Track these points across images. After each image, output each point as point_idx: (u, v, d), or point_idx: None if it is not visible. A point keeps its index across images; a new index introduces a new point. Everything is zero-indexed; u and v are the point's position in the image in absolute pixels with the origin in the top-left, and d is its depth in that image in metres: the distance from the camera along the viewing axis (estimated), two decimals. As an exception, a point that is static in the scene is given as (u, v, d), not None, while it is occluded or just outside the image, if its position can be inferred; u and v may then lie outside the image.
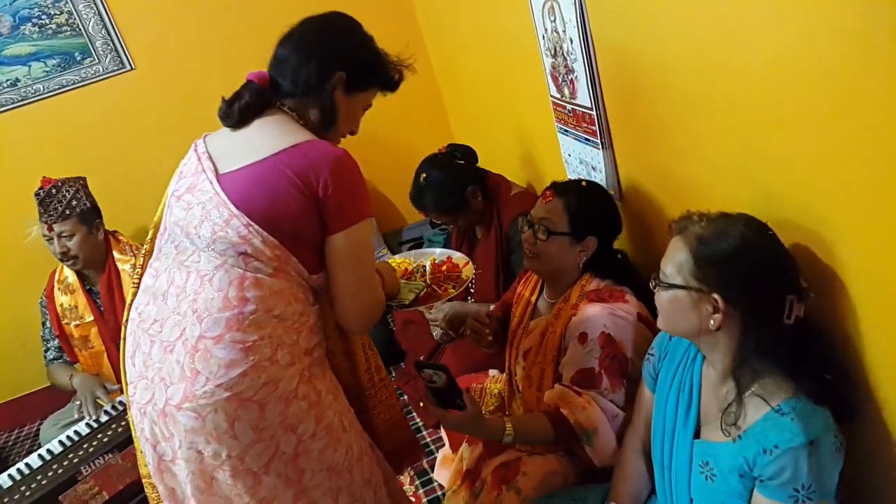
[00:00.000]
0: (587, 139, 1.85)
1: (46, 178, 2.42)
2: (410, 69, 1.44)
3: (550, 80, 1.95)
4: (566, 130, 1.99)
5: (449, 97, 3.50)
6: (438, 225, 3.08)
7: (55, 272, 2.64)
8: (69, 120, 3.10)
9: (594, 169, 1.88)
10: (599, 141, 1.77)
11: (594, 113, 1.73)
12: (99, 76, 3.08)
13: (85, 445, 2.12)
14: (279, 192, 1.21)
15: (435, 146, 2.38)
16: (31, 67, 3.01)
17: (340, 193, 1.23)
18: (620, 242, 1.74)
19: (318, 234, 1.26)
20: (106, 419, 2.24)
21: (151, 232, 1.39)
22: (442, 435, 2.25)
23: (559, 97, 1.93)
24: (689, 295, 1.10)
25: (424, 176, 2.24)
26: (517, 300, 1.83)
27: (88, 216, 2.46)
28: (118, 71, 3.09)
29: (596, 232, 1.59)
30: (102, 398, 2.38)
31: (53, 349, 2.63)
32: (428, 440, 2.43)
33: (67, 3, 2.95)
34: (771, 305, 1.05)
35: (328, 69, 1.32)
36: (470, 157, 2.35)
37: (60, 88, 3.06)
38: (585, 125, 1.82)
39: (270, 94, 1.34)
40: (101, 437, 2.14)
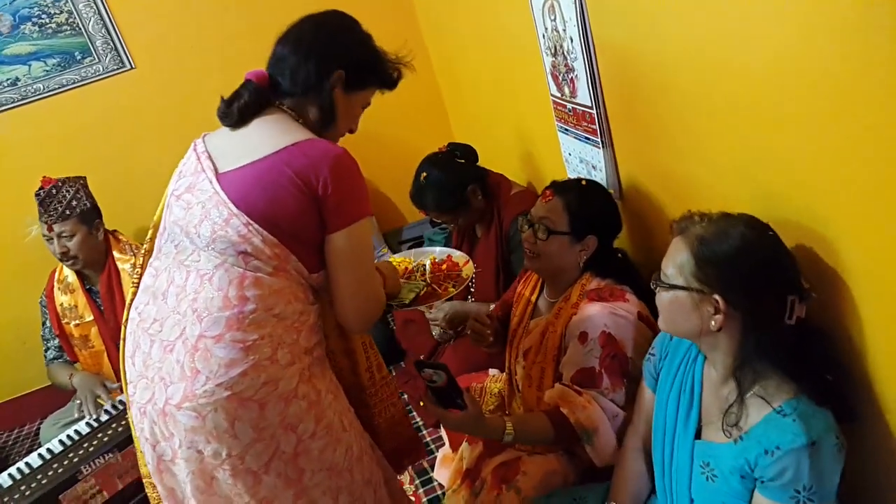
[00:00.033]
0: (587, 138, 1.85)
1: (46, 177, 2.42)
2: (409, 67, 1.44)
3: (551, 79, 1.95)
4: (566, 129, 1.99)
5: (449, 96, 3.50)
6: (439, 224, 3.08)
7: (55, 272, 2.64)
8: (69, 119, 3.09)
9: (594, 168, 1.88)
10: (599, 140, 1.77)
11: (594, 112, 1.73)
12: (99, 75, 3.08)
13: (85, 445, 2.11)
14: (278, 190, 1.21)
15: (435, 145, 2.38)
16: (31, 67, 3.01)
17: (340, 192, 1.23)
18: (620, 241, 1.74)
19: (317, 232, 1.26)
20: (106, 418, 2.23)
21: (151, 232, 1.39)
22: (442, 434, 2.25)
23: (559, 96, 1.93)
24: (690, 296, 1.10)
25: (425, 175, 2.24)
26: (517, 299, 1.83)
27: (88, 216, 2.45)
28: (118, 70, 3.09)
29: (596, 231, 1.59)
30: (103, 397, 2.39)
31: (53, 349, 2.63)
32: (428, 439, 2.43)
33: (67, 2, 2.95)
34: (772, 306, 1.05)
35: (327, 68, 1.32)
36: (470, 156, 2.35)
37: (60, 88, 3.06)
38: (585, 124, 1.82)
39: (269, 93, 1.33)
40: (101, 436, 2.14)
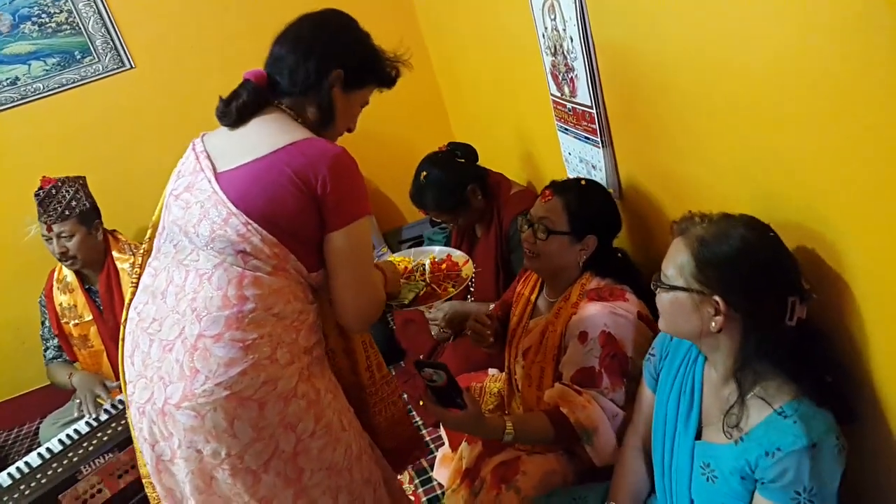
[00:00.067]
0: (587, 138, 1.85)
1: (46, 177, 2.41)
2: (407, 66, 1.44)
3: (550, 78, 1.95)
4: (566, 129, 1.99)
5: (449, 96, 3.50)
6: (438, 223, 3.08)
7: (54, 271, 2.63)
8: (69, 119, 3.09)
9: (594, 167, 1.87)
10: (599, 139, 1.77)
11: (594, 111, 1.73)
12: (99, 75, 3.08)
13: (85, 444, 2.11)
14: (277, 189, 1.21)
15: (435, 145, 2.37)
16: (30, 66, 3.00)
17: (339, 191, 1.23)
18: (620, 241, 1.74)
19: (316, 231, 1.26)
20: (106, 418, 2.23)
21: (150, 231, 1.39)
22: (441, 434, 2.25)
23: (559, 96, 1.93)
24: (690, 297, 1.10)
25: (425, 174, 2.24)
26: (517, 299, 1.83)
27: (88, 216, 2.45)
28: (118, 70, 3.09)
29: (595, 231, 1.59)
30: (102, 396, 2.38)
31: (53, 348, 2.62)
32: (427, 439, 2.43)
33: (67, 1, 2.95)
34: (772, 307, 1.04)
35: (326, 67, 1.32)
36: (470, 155, 2.34)
37: (60, 87, 3.05)
38: (585, 124, 1.82)
39: (268, 92, 1.33)
40: (100, 435, 2.14)
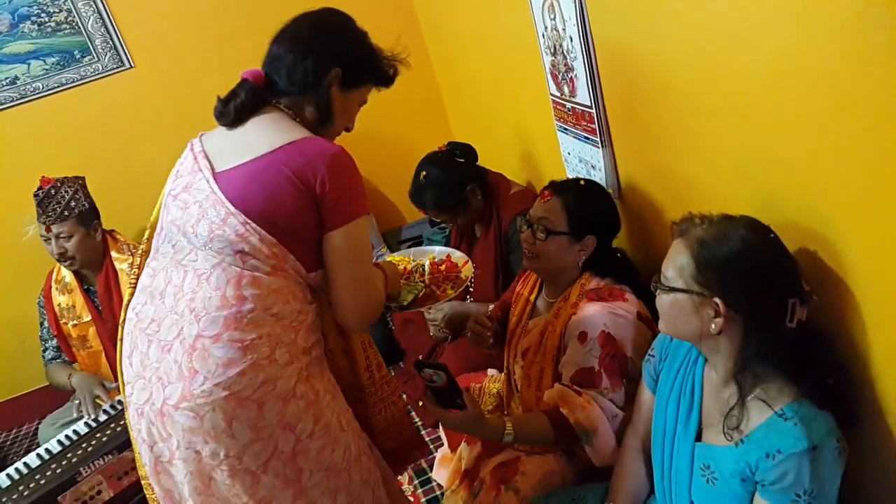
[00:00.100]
0: (587, 138, 1.85)
1: (45, 178, 2.41)
2: (405, 64, 1.43)
3: (550, 78, 1.94)
4: (566, 129, 1.98)
5: (448, 95, 3.50)
6: (438, 223, 3.08)
7: (52, 272, 2.63)
8: (68, 118, 3.09)
9: (594, 167, 1.87)
10: (599, 139, 1.76)
11: (594, 111, 1.73)
12: (98, 74, 3.07)
13: (84, 445, 2.11)
14: (276, 189, 1.21)
15: (434, 144, 2.37)
16: (30, 65, 3.00)
17: (337, 190, 1.22)
18: (620, 241, 1.74)
19: (315, 231, 1.26)
20: (105, 418, 2.23)
21: (148, 232, 1.39)
22: (441, 434, 2.25)
23: (559, 95, 1.93)
24: (690, 299, 1.09)
25: (424, 174, 2.24)
26: (516, 299, 1.83)
27: (87, 217, 2.44)
28: (117, 69, 3.09)
29: (595, 231, 1.59)
30: (102, 397, 2.38)
31: (52, 349, 2.62)
32: (427, 439, 2.43)
33: (67, 1, 2.94)
34: (773, 309, 1.04)
35: (324, 66, 1.31)
36: (470, 155, 2.34)
37: (59, 87, 3.05)
38: (585, 123, 1.82)
39: (266, 92, 1.33)
40: (100, 436, 2.13)
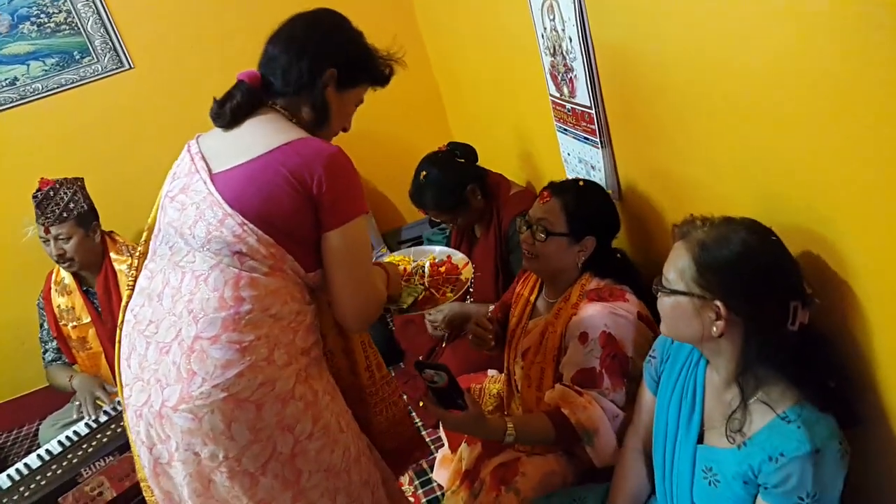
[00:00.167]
0: (586, 138, 1.84)
1: (44, 179, 2.40)
2: (400, 63, 1.43)
3: (549, 78, 1.94)
4: (565, 129, 1.98)
5: (448, 96, 3.50)
6: (437, 224, 3.08)
7: (52, 273, 2.62)
8: (68, 119, 3.09)
9: (593, 168, 1.87)
10: (598, 140, 1.76)
11: (593, 112, 1.73)
12: (98, 75, 3.07)
13: (84, 446, 2.11)
14: (273, 189, 1.21)
15: (434, 145, 2.37)
16: (29, 66, 3.00)
17: (335, 190, 1.22)
18: (619, 242, 1.74)
19: (313, 231, 1.25)
20: (105, 419, 2.23)
21: (145, 234, 1.39)
22: (441, 435, 2.24)
23: (558, 96, 1.93)
24: (691, 301, 1.09)
25: (424, 174, 2.24)
26: (516, 300, 1.82)
27: (86, 219, 2.44)
28: (117, 70, 3.08)
29: (594, 231, 1.59)
30: (102, 398, 2.38)
31: (52, 351, 2.61)
32: (427, 440, 2.43)
33: (66, 1, 2.94)
34: (774, 312, 1.04)
35: (319, 67, 1.31)
36: (470, 155, 2.34)
37: (59, 87, 3.05)
38: (584, 124, 1.81)
39: (262, 93, 1.33)
40: (100, 437, 2.13)
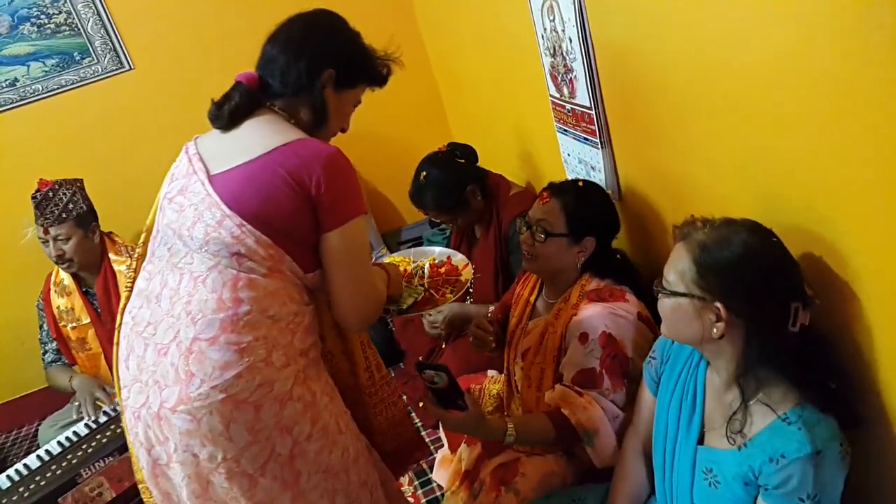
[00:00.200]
0: (586, 139, 1.84)
1: (43, 180, 2.40)
2: (398, 63, 1.43)
3: (549, 79, 1.94)
4: (565, 130, 1.98)
5: (448, 96, 3.49)
6: (437, 224, 3.08)
7: (51, 275, 2.62)
8: (68, 120, 3.09)
9: (593, 168, 1.87)
10: (598, 140, 1.76)
11: (593, 112, 1.72)
12: (98, 76, 3.07)
13: (84, 446, 2.11)
14: (271, 190, 1.21)
15: (434, 145, 2.37)
16: (29, 67, 3.00)
17: (333, 191, 1.22)
18: (619, 242, 1.73)
19: (311, 232, 1.25)
20: (105, 420, 2.23)
21: (144, 236, 1.39)
22: (441, 435, 2.24)
23: (558, 97, 1.93)
24: (691, 303, 1.09)
25: (424, 174, 2.24)
26: (516, 300, 1.82)
27: (85, 220, 2.43)
28: (117, 71, 3.09)
29: (594, 232, 1.58)
30: (102, 399, 2.37)
31: (52, 352, 2.61)
32: (427, 440, 2.42)
33: (66, 2, 2.94)
34: (775, 314, 1.03)
35: (318, 68, 1.31)
36: (470, 156, 2.34)
37: (59, 88, 3.05)
38: (584, 125, 1.81)
39: (259, 94, 1.33)
40: (100, 438, 2.13)
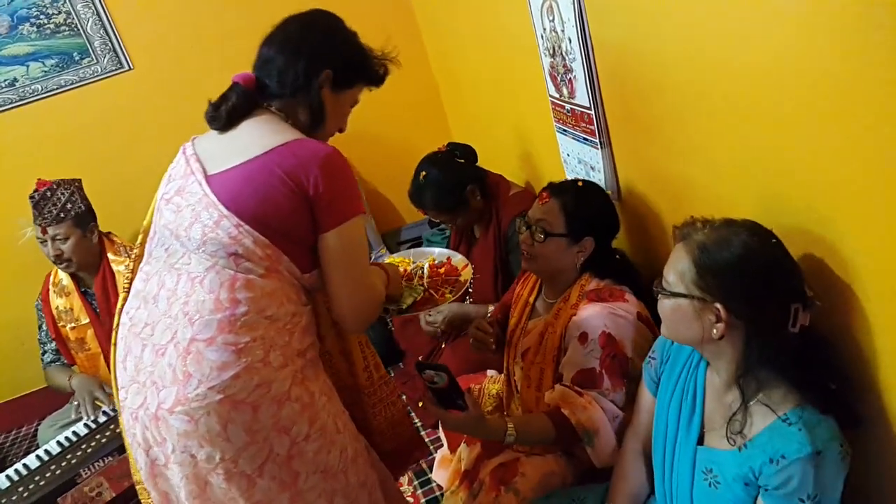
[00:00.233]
0: (586, 139, 1.84)
1: (41, 180, 2.40)
2: (395, 63, 1.43)
3: (549, 79, 1.94)
4: (565, 130, 1.98)
5: (448, 96, 3.49)
6: (437, 224, 3.08)
7: (50, 275, 2.61)
8: (67, 120, 3.09)
9: (593, 168, 1.87)
10: (598, 141, 1.76)
11: (593, 112, 1.72)
12: (97, 76, 3.07)
13: (83, 446, 2.11)
14: (269, 191, 1.20)
15: (433, 145, 2.37)
16: (29, 67, 3.00)
17: (331, 191, 1.22)
18: (619, 242, 1.73)
19: (309, 232, 1.25)
20: (104, 420, 2.23)
21: (141, 236, 1.39)
22: (440, 435, 2.24)
23: (558, 97, 1.93)
24: (691, 304, 1.08)
25: (424, 174, 2.24)
26: (515, 300, 1.82)
27: (83, 219, 2.43)
28: (116, 71, 3.09)
29: (593, 232, 1.58)
30: (101, 399, 2.37)
31: (51, 352, 2.60)
32: (426, 440, 2.42)
33: (66, 2, 2.94)
34: (774, 315, 1.03)
35: (315, 68, 1.31)
36: (469, 156, 2.34)
37: (58, 88, 3.05)
38: (584, 125, 1.81)
39: (257, 95, 1.33)
40: (99, 437, 2.13)
